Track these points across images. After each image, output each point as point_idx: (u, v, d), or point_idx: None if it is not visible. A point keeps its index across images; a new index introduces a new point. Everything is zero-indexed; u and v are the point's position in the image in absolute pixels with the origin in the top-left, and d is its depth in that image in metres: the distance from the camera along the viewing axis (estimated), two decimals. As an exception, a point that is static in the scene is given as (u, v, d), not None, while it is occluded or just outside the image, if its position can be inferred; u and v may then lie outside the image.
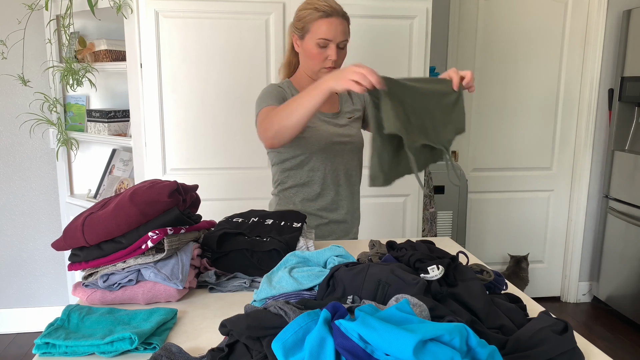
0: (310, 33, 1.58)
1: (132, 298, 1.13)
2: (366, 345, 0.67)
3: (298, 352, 0.69)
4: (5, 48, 2.73)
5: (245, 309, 0.87)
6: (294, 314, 0.77)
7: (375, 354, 0.66)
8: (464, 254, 1.17)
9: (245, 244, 1.25)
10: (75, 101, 2.77)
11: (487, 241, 3.45)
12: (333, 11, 1.57)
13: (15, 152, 2.88)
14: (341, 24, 1.59)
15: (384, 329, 0.65)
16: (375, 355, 0.66)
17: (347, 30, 1.61)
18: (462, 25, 3.18)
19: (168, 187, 1.17)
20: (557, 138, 3.38)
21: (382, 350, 0.65)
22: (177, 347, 0.86)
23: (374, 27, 2.38)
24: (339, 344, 0.67)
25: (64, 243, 1.15)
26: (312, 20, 1.57)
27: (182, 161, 2.41)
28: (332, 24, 1.56)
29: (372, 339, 0.66)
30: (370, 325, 0.66)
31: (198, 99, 2.37)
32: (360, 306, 0.75)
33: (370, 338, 0.66)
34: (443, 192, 2.91)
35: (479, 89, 3.26)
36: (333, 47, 1.58)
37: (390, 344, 0.64)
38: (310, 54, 1.60)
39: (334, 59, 1.59)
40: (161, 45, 2.30)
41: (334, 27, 1.57)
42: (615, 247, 3.21)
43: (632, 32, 3.06)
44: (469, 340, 0.69)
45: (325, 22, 1.56)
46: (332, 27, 1.56)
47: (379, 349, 0.65)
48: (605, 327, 3.15)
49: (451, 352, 0.64)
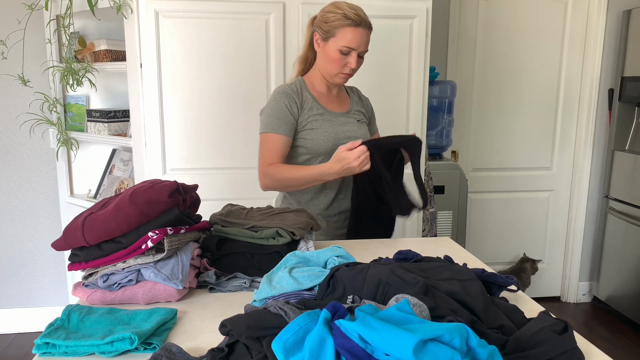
0: (335, 38, 1.60)
1: (132, 298, 1.13)
2: (366, 345, 0.66)
3: (298, 352, 0.69)
4: (5, 48, 2.73)
5: (245, 309, 0.87)
6: (294, 314, 0.77)
7: (375, 354, 0.66)
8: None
9: (245, 247, 1.25)
10: (75, 101, 2.77)
11: (487, 241, 3.45)
12: (361, 21, 1.59)
13: (15, 152, 2.88)
14: (367, 35, 1.62)
15: (384, 328, 0.65)
16: (375, 355, 0.66)
17: (369, 41, 1.64)
18: (462, 25, 3.18)
19: (168, 187, 1.17)
20: (557, 138, 3.38)
21: (382, 350, 0.65)
22: (177, 347, 0.86)
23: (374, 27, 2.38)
24: (339, 344, 0.67)
25: (64, 243, 1.14)
26: (340, 27, 1.58)
27: (182, 161, 2.41)
28: (358, 33, 1.59)
29: (372, 339, 0.65)
30: (370, 325, 0.66)
31: (198, 99, 2.37)
32: (360, 306, 0.75)
33: (370, 338, 0.66)
34: (443, 192, 2.91)
35: (479, 89, 3.26)
36: (354, 55, 1.62)
37: (390, 344, 0.64)
38: (331, 58, 1.63)
39: (354, 67, 1.63)
40: (161, 45, 2.30)
41: (359, 37, 1.59)
42: (615, 247, 3.21)
43: (632, 32, 3.07)
44: (469, 341, 0.69)
45: (352, 31, 1.58)
46: (358, 36, 1.59)
47: (379, 349, 0.65)
48: (605, 327, 3.15)
49: (451, 352, 0.64)
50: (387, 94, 2.45)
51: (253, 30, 2.35)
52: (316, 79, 1.72)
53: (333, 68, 1.64)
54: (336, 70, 1.64)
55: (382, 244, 1.61)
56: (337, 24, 1.59)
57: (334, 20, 1.59)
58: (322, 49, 1.65)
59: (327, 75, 1.68)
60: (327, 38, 1.62)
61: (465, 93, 3.25)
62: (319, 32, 1.64)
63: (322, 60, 1.67)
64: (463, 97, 3.24)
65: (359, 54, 1.62)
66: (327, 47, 1.62)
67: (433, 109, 2.89)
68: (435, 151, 3.03)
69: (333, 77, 1.66)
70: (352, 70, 1.65)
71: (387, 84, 2.45)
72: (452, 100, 2.98)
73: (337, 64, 1.63)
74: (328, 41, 1.62)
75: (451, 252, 1.50)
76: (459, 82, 3.18)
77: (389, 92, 2.45)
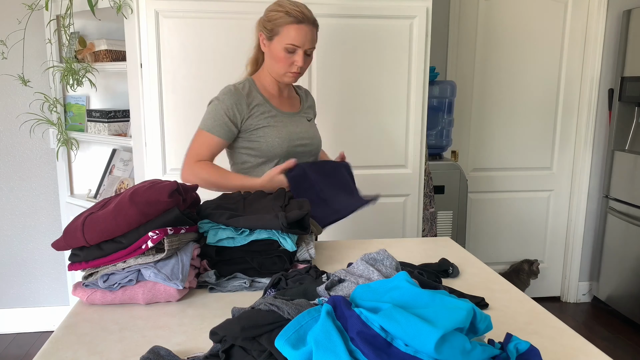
0: (279, 36, 1.57)
1: (132, 298, 1.13)
2: (387, 334, 0.69)
3: (302, 347, 0.70)
4: (5, 48, 2.73)
5: (233, 312, 0.86)
6: (286, 307, 0.77)
7: (395, 342, 0.68)
8: None
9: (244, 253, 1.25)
10: (75, 101, 2.77)
11: (487, 241, 3.45)
12: (304, 18, 1.56)
13: (15, 152, 2.88)
14: (311, 32, 1.58)
15: (407, 323, 0.67)
16: (395, 343, 0.68)
17: (315, 37, 1.61)
18: (462, 25, 3.18)
19: (168, 187, 1.17)
20: (557, 138, 3.38)
21: (404, 341, 0.67)
22: (165, 350, 0.86)
23: (374, 27, 2.39)
24: (357, 332, 0.68)
25: (64, 243, 1.15)
26: (282, 24, 1.56)
27: (182, 161, 2.41)
28: (302, 30, 1.56)
29: (395, 331, 0.68)
30: (394, 319, 0.68)
31: (198, 99, 2.37)
32: (354, 290, 0.77)
33: (393, 330, 0.68)
34: (443, 192, 2.91)
35: (479, 89, 3.27)
36: (301, 53, 1.58)
37: (413, 338, 0.66)
38: (276, 57, 1.60)
39: (300, 65, 1.60)
40: (161, 45, 2.30)
41: (303, 34, 1.56)
42: (615, 247, 3.21)
43: (632, 32, 3.07)
44: (475, 320, 0.72)
45: (295, 28, 1.55)
46: (301, 33, 1.56)
47: (399, 338, 0.68)
48: (605, 327, 3.15)
49: (462, 339, 0.67)
50: (387, 94, 2.45)
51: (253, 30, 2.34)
52: (266, 80, 1.69)
53: (280, 67, 1.61)
54: (283, 69, 1.61)
55: (382, 244, 1.61)
56: (279, 22, 1.56)
57: (276, 18, 1.57)
58: (268, 48, 1.62)
59: (276, 75, 1.64)
60: (271, 37, 1.59)
61: (465, 93, 3.25)
62: (264, 32, 1.62)
63: (269, 60, 1.64)
64: (463, 97, 3.24)
65: (305, 52, 1.59)
66: (272, 46, 1.60)
67: (433, 109, 2.89)
68: (435, 151, 3.03)
69: (282, 76, 1.63)
70: (301, 69, 1.61)
71: (387, 84, 2.45)
72: (452, 100, 2.98)
73: (283, 63, 1.60)
74: (273, 40, 1.59)
75: (451, 252, 1.50)
76: (459, 82, 3.18)
77: (389, 92, 2.46)
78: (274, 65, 1.62)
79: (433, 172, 2.83)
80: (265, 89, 1.70)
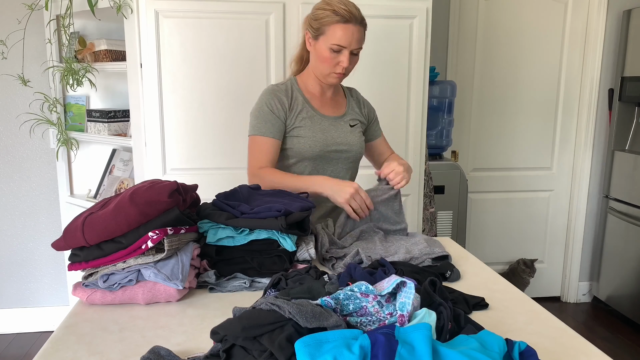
0: (325, 36, 1.52)
1: (132, 298, 1.13)
2: None
3: (320, 357, 0.68)
4: (5, 48, 2.73)
5: (234, 312, 0.86)
6: (287, 306, 0.77)
7: None
8: None
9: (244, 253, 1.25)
10: (75, 101, 2.77)
11: (487, 241, 3.45)
12: (351, 17, 1.50)
13: (15, 152, 2.88)
14: (358, 32, 1.53)
15: None
16: None
17: (362, 37, 1.56)
18: (462, 25, 3.18)
19: (168, 187, 1.17)
20: (557, 138, 3.38)
21: None
22: (165, 350, 0.86)
23: (374, 27, 2.38)
24: None
25: (64, 243, 1.14)
26: (329, 24, 1.51)
27: (182, 161, 2.41)
28: (348, 30, 1.50)
29: None
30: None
31: (198, 99, 2.37)
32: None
33: None
34: (443, 192, 2.91)
35: (479, 89, 3.27)
36: (346, 53, 1.53)
37: None
38: (322, 57, 1.56)
39: (346, 65, 1.55)
40: (161, 45, 2.30)
41: (350, 34, 1.51)
42: (615, 247, 3.21)
43: (632, 32, 3.06)
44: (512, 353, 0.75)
45: (341, 28, 1.50)
46: (348, 33, 1.50)
47: None
48: (605, 327, 3.15)
49: None
50: (387, 94, 2.45)
51: (253, 30, 2.35)
52: (310, 80, 1.66)
53: (325, 67, 1.57)
54: (328, 69, 1.57)
55: (382, 244, 1.61)
56: (326, 21, 1.51)
57: (323, 17, 1.52)
58: (313, 48, 1.58)
59: (320, 75, 1.60)
60: (317, 36, 1.55)
61: (465, 93, 3.25)
62: (310, 31, 1.57)
63: (314, 59, 1.60)
64: (463, 97, 3.24)
65: (352, 52, 1.54)
66: (317, 45, 1.55)
67: (433, 109, 2.89)
68: (435, 151, 3.03)
69: (326, 77, 1.59)
70: (346, 70, 1.57)
71: (387, 84, 2.45)
72: (452, 100, 2.98)
73: (328, 63, 1.55)
74: (318, 39, 1.54)
75: (451, 252, 1.50)
76: (459, 82, 3.18)
77: (389, 92, 2.45)
78: (319, 65, 1.58)
79: (433, 172, 2.83)
80: (307, 89, 1.67)
